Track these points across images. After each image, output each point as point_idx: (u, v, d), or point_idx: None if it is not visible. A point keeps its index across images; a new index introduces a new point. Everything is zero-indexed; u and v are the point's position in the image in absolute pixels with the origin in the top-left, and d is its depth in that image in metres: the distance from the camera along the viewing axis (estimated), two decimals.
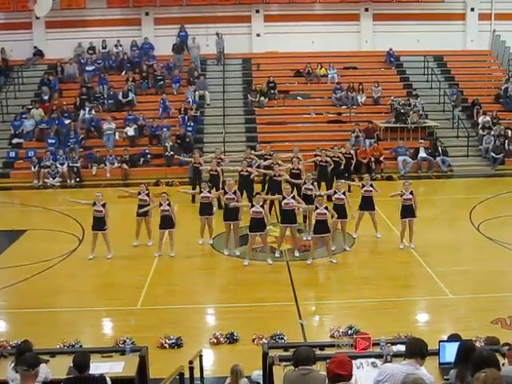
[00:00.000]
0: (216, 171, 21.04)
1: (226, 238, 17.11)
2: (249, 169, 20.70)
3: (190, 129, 28.36)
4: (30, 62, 32.77)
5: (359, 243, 17.53)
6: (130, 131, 28.26)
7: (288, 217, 16.36)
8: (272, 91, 30.69)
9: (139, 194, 17.58)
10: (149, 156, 27.43)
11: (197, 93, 30.56)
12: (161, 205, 16.79)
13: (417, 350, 6.76)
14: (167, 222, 16.78)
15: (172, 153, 26.86)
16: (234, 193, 17.05)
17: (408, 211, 16.85)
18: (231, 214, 16.83)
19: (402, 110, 28.35)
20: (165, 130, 28.12)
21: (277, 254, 16.69)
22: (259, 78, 31.72)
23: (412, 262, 16.14)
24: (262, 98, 30.27)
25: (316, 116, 29.92)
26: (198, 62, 32.39)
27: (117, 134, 28.42)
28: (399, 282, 14.95)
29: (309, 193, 17.58)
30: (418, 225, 17.27)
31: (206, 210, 17.50)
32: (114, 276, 15.64)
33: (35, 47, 33.04)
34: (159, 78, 31.07)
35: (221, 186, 19.99)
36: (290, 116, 29.85)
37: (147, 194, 17.49)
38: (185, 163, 25.98)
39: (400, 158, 26.78)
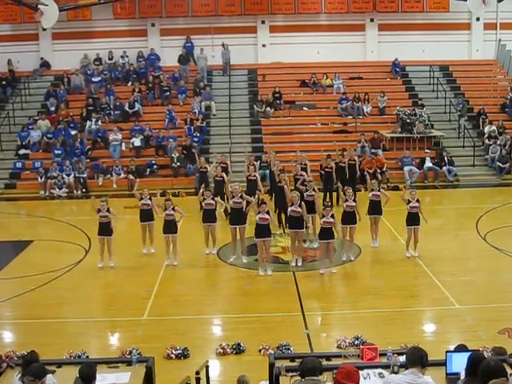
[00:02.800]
0: (221, 177, 21.06)
1: (233, 243, 17.12)
2: (256, 174, 20.71)
3: (196, 139, 28.42)
4: (37, 74, 32.93)
5: (365, 253, 17.51)
6: (137, 142, 28.34)
7: (295, 223, 16.43)
8: (278, 101, 30.73)
9: (141, 199, 17.61)
10: (155, 166, 27.50)
11: (203, 103, 30.64)
12: (165, 209, 16.81)
13: (417, 358, 6.73)
14: (171, 227, 16.80)
15: (178, 163, 26.93)
16: (241, 197, 17.07)
17: (414, 219, 16.87)
18: (237, 219, 16.82)
19: (408, 120, 28.36)
20: (171, 140, 28.19)
21: (293, 263, 16.71)
22: (265, 88, 31.79)
23: (418, 271, 16.10)
24: (268, 109, 30.32)
25: (322, 126, 29.95)
26: (204, 72, 32.48)
27: (123, 144, 28.50)
28: (406, 292, 14.90)
29: (311, 199, 17.50)
30: (424, 235, 17.24)
31: (208, 217, 17.46)
32: (120, 286, 15.62)
33: (42, 58, 33.22)
34: (165, 88, 31.17)
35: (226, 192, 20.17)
36: (295, 126, 29.88)
37: (150, 199, 17.52)
38: (191, 174, 26.11)
39: (406, 168, 26.76)
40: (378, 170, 26.47)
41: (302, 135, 29.40)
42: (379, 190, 17.51)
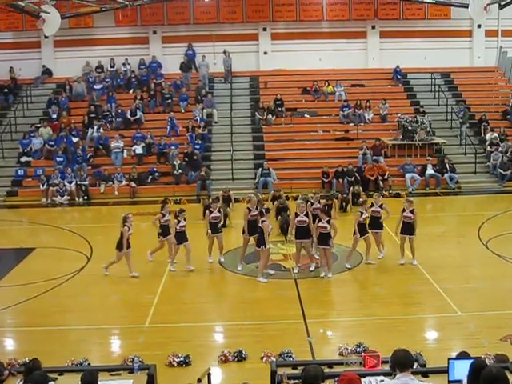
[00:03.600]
0: (228, 195, 22.42)
1: (243, 252, 17.19)
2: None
3: (197, 147, 28.46)
4: (39, 81, 33.02)
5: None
6: (138, 149, 28.39)
7: (302, 233, 16.49)
8: (279, 109, 30.79)
9: (163, 216, 17.43)
10: (157, 174, 27.53)
11: (204, 111, 30.69)
12: (178, 222, 16.83)
13: (407, 361, 6.76)
14: (183, 237, 16.94)
15: (180, 171, 26.98)
16: (257, 209, 17.08)
17: (407, 228, 16.87)
18: (254, 229, 16.82)
19: (410, 127, 28.40)
20: (173, 147, 28.23)
21: (295, 270, 16.77)
22: (266, 95, 31.85)
23: (420, 279, 16.09)
24: (270, 116, 30.36)
25: (323, 133, 29.98)
26: (206, 80, 32.57)
27: (125, 152, 28.55)
28: (408, 299, 14.91)
29: (316, 212, 17.47)
30: (426, 242, 17.26)
31: (215, 229, 17.48)
32: (123, 294, 15.63)
33: (44, 66, 33.33)
34: (167, 96, 31.23)
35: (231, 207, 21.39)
36: (297, 133, 29.91)
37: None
38: (193, 181, 26.19)
39: (408, 175, 26.79)
40: (380, 177, 26.49)
41: (303, 142, 29.44)
42: (381, 206, 17.33)
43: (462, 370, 7.10)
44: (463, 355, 8.23)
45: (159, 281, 16.36)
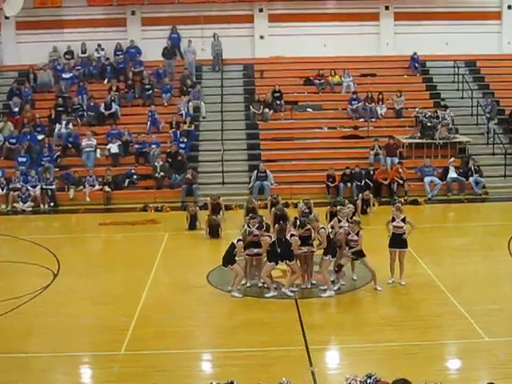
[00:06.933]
0: (218, 203, 22.29)
1: (249, 269, 17.30)
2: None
3: (182, 145, 28.49)
4: None
5: (379, 277, 17.43)
6: (114, 148, 28.39)
7: (306, 242, 16.71)
8: (278, 102, 30.83)
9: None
10: (135, 177, 27.52)
11: (191, 104, 30.71)
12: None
13: None
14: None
15: (162, 173, 26.98)
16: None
17: (397, 241, 16.80)
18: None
19: (429, 124, 28.46)
20: (154, 146, 28.24)
21: (303, 285, 17.06)
22: (263, 86, 31.89)
23: (440, 298, 16.09)
24: (267, 110, 30.39)
25: (329, 131, 30.04)
26: (192, 68, 32.59)
27: (98, 151, 28.54)
28: (425, 322, 14.88)
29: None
30: (448, 256, 17.28)
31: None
32: (95, 315, 15.58)
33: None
34: (147, 86, 31.24)
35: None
36: (298, 131, 29.96)
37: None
38: (177, 186, 26.20)
39: (426, 179, 26.84)
40: (395, 182, 26.43)
41: (305, 141, 29.48)
42: (403, 220, 17.10)
43: None
44: None
45: (137, 301, 16.31)
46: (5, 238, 22.64)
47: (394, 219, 16.93)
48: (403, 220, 16.85)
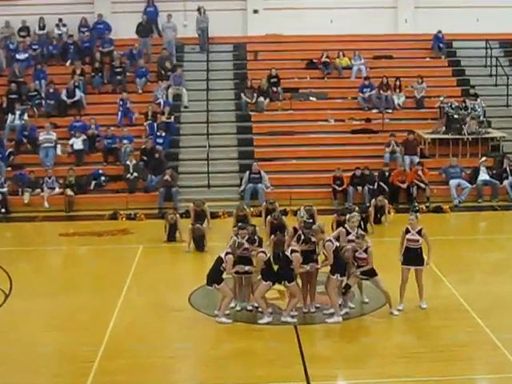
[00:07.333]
0: (202, 210, 22.23)
1: (239, 289, 17.33)
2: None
3: (160, 141, 28.50)
4: None
5: (393, 298, 17.49)
6: (77, 144, 28.37)
7: (308, 258, 16.73)
8: (274, 89, 30.88)
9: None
10: (103, 178, 27.50)
11: (170, 91, 30.76)
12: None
13: None
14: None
15: (135, 174, 26.97)
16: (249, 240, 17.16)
17: (413, 257, 16.71)
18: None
19: (456, 116, 28.53)
20: (125, 142, 28.26)
21: (304, 310, 17.06)
22: (257, 70, 31.97)
23: (468, 325, 16.09)
24: (261, 99, 30.45)
25: (336, 124, 30.11)
26: (172, 48, 32.60)
27: (58, 147, 28.54)
28: (449, 353, 14.87)
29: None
30: (478, 274, 17.27)
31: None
32: (55, 343, 15.58)
33: None
34: (118, 70, 31.28)
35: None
36: (299, 124, 30.04)
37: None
38: (153, 189, 26.21)
39: (453, 182, 26.89)
40: (419, 185, 26.40)
41: (307, 136, 29.57)
42: (419, 233, 17.01)
43: None
44: None
45: (105, 327, 16.31)
46: None
47: (408, 231, 16.90)
48: (419, 232, 16.77)
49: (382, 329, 16.51)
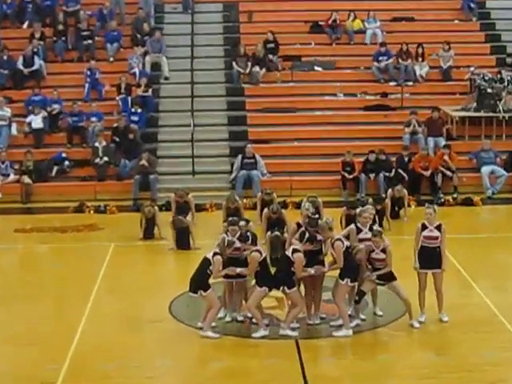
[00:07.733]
0: (185, 201, 22.38)
1: (229, 296, 17.45)
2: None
3: (135, 118, 28.58)
4: None
5: (414, 308, 17.56)
6: (36, 122, 28.40)
7: (312, 260, 16.83)
8: (272, 57, 30.91)
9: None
10: (67, 163, 27.53)
11: (147, 59, 30.79)
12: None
13: None
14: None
15: (106, 158, 26.99)
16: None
17: (430, 258, 16.65)
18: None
19: (490, 90, 28.58)
20: (94, 120, 28.29)
21: (308, 321, 17.20)
22: (251, 34, 32.06)
23: (502, 339, 16.15)
24: (256, 69, 30.50)
25: (345, 98, 30.24)
26: (150, 8, 32.63)
27: (14, 126, 28.58)
28: (480, 373, 14.93)
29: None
30: None
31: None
32: (9, 360, 15.62)
33: None
34: (85, 34, 31.29)
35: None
36: (301, 98, 30.16)
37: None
38: (127, 176, 26.24)
39: (485, 169, 26.98)
40: (445, 173, 26.44)
41: (311, 113, 29.64)
42: (439, 228, 16.92)
43: None
44: None
45: (69, 341, 16.37)
46: None
47: (424, 227, 16.87)
48: (438, 228, 16.73)
49: (400, 344, 16.57)
